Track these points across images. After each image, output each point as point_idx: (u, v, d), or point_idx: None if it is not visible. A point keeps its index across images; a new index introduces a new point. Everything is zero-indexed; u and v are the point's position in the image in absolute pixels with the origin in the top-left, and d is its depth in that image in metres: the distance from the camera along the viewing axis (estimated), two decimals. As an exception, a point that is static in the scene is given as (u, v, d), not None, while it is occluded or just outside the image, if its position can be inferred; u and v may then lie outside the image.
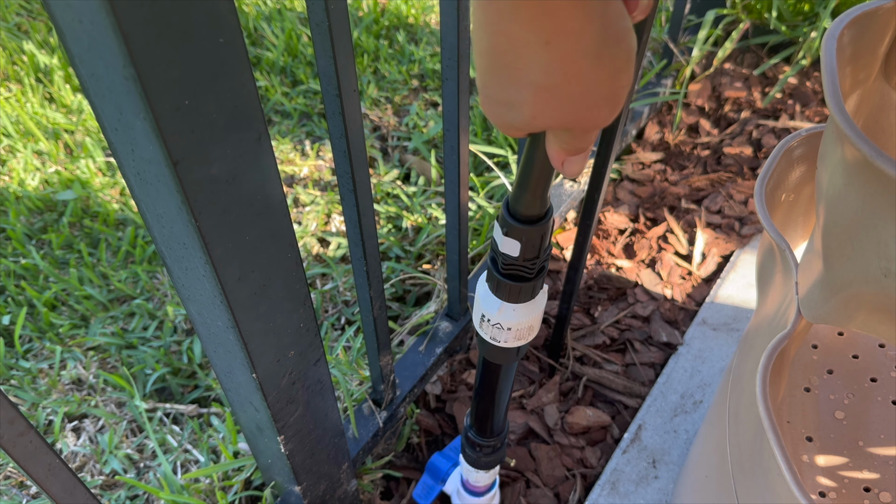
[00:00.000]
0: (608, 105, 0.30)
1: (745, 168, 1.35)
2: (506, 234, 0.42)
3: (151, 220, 0.41)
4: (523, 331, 0.50)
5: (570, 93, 0.28)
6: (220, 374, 0.55)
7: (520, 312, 0.48)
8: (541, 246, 0.43)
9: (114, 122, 0.35)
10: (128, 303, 1.11)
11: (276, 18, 1.77)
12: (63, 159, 1.39)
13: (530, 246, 0.42)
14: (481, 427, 0.65)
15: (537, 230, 0.41)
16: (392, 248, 1.17)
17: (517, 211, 0.41)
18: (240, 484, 0.80)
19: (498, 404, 0.61)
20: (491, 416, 0.63)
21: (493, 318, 0.49)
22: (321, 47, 0.48)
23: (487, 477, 0.73)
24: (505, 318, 0.48)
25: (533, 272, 0.45)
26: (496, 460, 0.69)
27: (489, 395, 0.60)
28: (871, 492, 0.66)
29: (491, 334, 0.50)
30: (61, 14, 0.31)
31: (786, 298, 0.55)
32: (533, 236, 0.42)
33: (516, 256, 0.43)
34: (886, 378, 0.75)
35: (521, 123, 0.31)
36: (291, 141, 1.45)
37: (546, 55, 0.27)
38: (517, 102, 0.30)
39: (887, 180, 0.37)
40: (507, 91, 0.30)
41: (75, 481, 0.45)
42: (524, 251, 0.43)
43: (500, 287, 0.46)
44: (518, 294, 0.46)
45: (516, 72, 0.28)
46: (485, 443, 0.66)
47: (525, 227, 0.41)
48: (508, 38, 0.27)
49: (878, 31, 0.50)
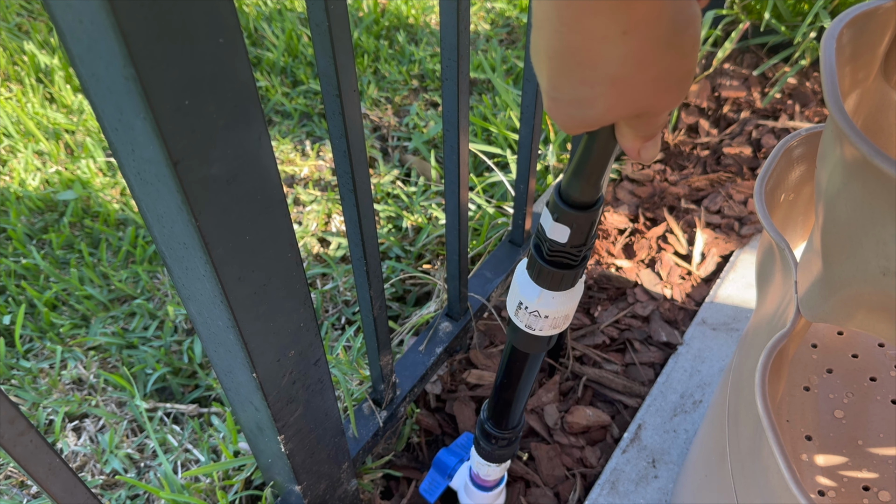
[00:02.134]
0: (678, 88, 0.31)
1: (744, 168, 1.35)
2: (556, 220, 0.43)
3: (152, 220, 0.41)
4: (560, 319, 0.50)
5: (645, 80, 0.29)
6: (221, 373, 0.55)
7: (559, 300, 0.48)
8: (589, 233, 0.44)
9: (114, 122, 0.35)
10: (128, 303, 1.11)
11: (276, 19, 1.77)
12: (64, 159, 1.39)
13: (579, 232, 0.43)
14: (499, 418, 0.65)
15: (588, 216, 0.42)
16: (392, 248, 1.17)
17: (570, 197, 0.42)
18: (240, 483, 0.80)
19: (519, 395, 0.62)
20: (510, 407, 0.63)
21: (531, 305, 0.49)
22: (321, 48, 0.48)
23: (499, 471, 0.74)
24: (544, 306, 0.49)
25: (578, 259, 0.46)
26: (509, 453, 0.70)
27: (512, 385, 0.61)
28: (871, 491, 0.66)
29: (527, 322, 0.51)
30: (62, 14, 0.31)
31: (785, 298, 0.55)
32: (583, 222, 0.43)
33: (564, 243, 0.44)
34: (886, 377, 0.75)
35: (595, 118, 0.32)
36: (292, 141, 1.45)
37: (623, 46, 0.28)
38: (590, 98, 0.31)
39: (886, 179, 0.37)
40: (581, 89, 0.30)
41: (76, 481, 0.45)
42: (573, 237, 0.43)
43: (542, 274, 0.47)
44: (560, 281, 0.47)
45: (591, 68, 0.29)
46: (501, 435, 0.67)
47: (577, 213, 0.42)
48: (585, 34, 0.28)
49: (877, 30, 0.50)
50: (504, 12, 1.89)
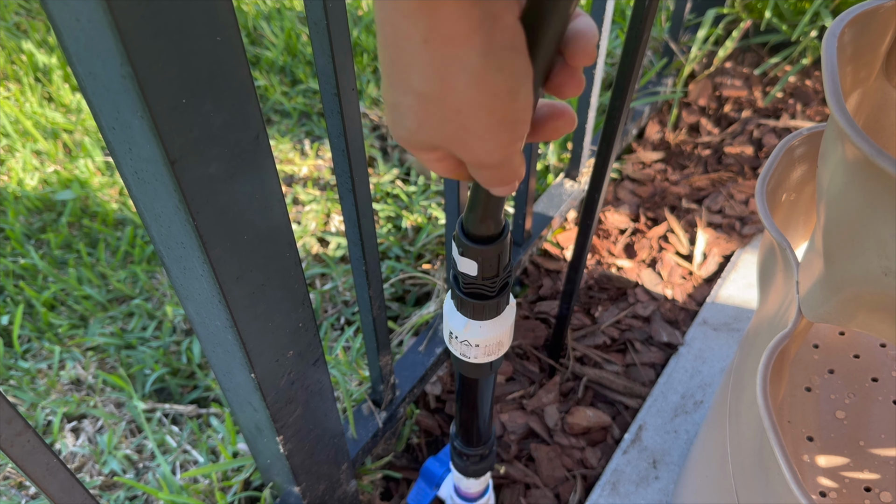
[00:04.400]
0: (490, 137, 0.28)
1: (745, 168, 1.34)
2: (462, 255, 0.41)
3: (150, 220, 0.41)
4: (492, 346, 0.49)
5: (449, 108, 0.27)
6: (219, 374, 0.55)
7: (486, 329, 0.47)
8: (499, 264, 0.42)
9: (111, 121, 0.34)
10: (127, 303, 1.11)
11: (275, 17, 1.77)
12: (62, 159, 1.39)
13: (488, 265, 0.42)
14: (466, 437, 0.64)
15: (493, 249, 0.40)
16: (392, 248, 1.17)
17: (471, 231, 0.40)
18: (239, 484, 0.80)
19: (480, 415, 0.61)
20: (475, 426, 0.62)
21: (460, 335, 0.48)
22: (320, 46, 0.48)
23: (479, 484, 0.73)
24: (472, 336, 0.47)
25: (494, 290, 0.44)
26: (485, 468, 0.69)
27: (470, 407, 0.60)
28: (872, 492, 0.66)
29: (460, 351, 0.50)
30: (59, 13, 0.30)
31: (787, 298, 0.55)
32: (490, 256, 0.41)
33: (475, 276, 0.42)
34: (887, 378, 0.75)
35: (407, 133, 0.29)
36: (291, 140, 1.45)
37: (425, 55, 0.25)
38: (403, 108, 0.28)
39: (888, 179, 0.37)
40: (395, 93, 0.28)
41: (74, 481, 0.45)
42: (482, 270, 0.42)
43: (463, 305, 0.45)
44: (483, 311, 0.45)
45: (401, 71, 0.27)
46: (471, 452, 0.66)
47: (481, 248, 0.40)
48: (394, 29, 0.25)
49: (878, 29, 0.50)
50: (504, 12, 1.89)
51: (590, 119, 1.14)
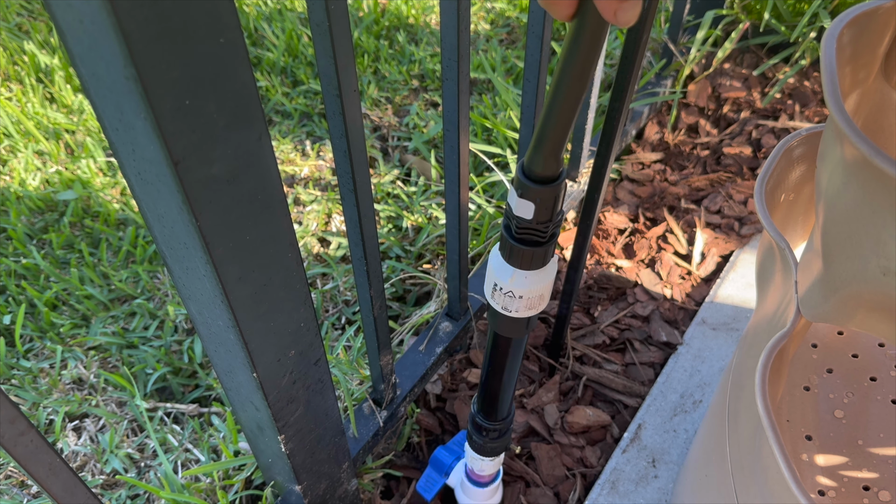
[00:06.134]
0: None
1: (744, 168, 1.35)
2: (521, 196, 0.43)
3: (152, 220, 0.41)
4: (534, 299, 0.50)
5: None
6: (221, 373, 0.55)
7: (531, 280, 0.49)
8: (554, 208, 0.44)
9: (114, 122, 0.35)
10: (129, 302, 1.11)
11: (276, 19, 1.77)
12: (64, 159, 1.39)
13: (544, 208, 0.43)
14: (489, 409, 0.66)
15: (551, 191, 0.42)
16: (392, 248, 1.17)
17: (532, 171, 0.42)
18: (240, 483, 0.80)
19: (506, 384, 0.62)
20: (498, 396, 0.64)
21: (505, 286, 0.49)
22: (321, 47, 0.48)
23: (492, 466, 0.74)
24: (517, 286, 0.49)
25: (546, 236, 0.46)
26: (502, 446, 0.70)
27: (498, 373, 0.61)
28: (871, 491, 0.66)
29: (503, 304, 0.51)
30: (62, 14, 0.31)
31: (785, 297, 0.55)
32: (547, 197, 0.43)
33: (530, 219, 0.44)
34: (886, 377, 0.75)
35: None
36: (292, 141, 1.45)
37: None
38: None
39: (886, 179, 0.37)
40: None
41: (76, 480, 0.45)
42: (538, 213, 0.44)
43: (513, 254, 0.47)
44: (531, 260, 0.47)
45: None
46: (491, 426, 0.67)
47: (540, 188, 0.42)
48: None
49: (877, 30, 0.50)
50: (504, 12, 1.89)
51: (589, 120, 1.14)
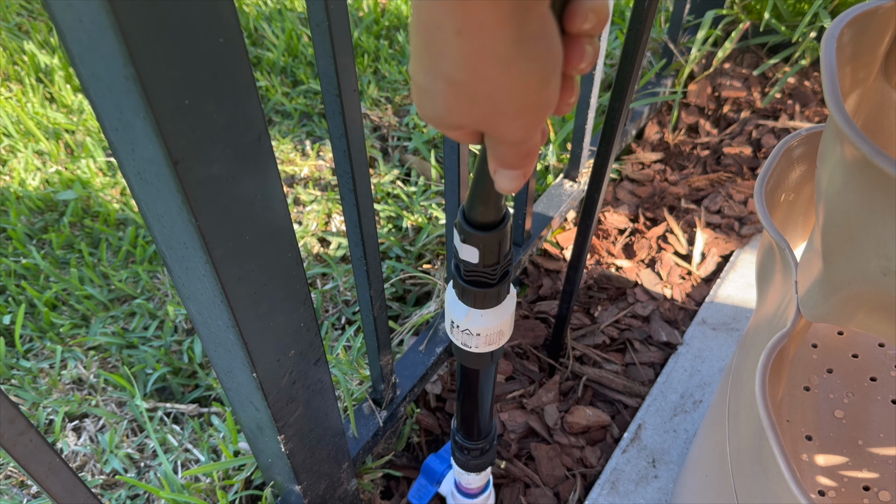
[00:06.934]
0: (519, 118, 0.29)
1: (744, 168, 1.35)
2: (464, 242, 0.42)
3: (152, 220, 0.41)
4: (493, 336, 0.49)
5: (480, 94, 0.28)
6: (221, 373, 0.55)
7: (487, 318, 0.47)
8: (500, 251, 0.43)
9: (114, 122, 0.35)
10: (128, 302, 1.11)
11: (276, 18, 1.77)
12: (64, 159, 1.39)
13: (489, 252, 0.42)
14: (467, 430, 0.65)
15: (494, 237, 0.41)
16: (392, 248, 1.17)
17: (473, 218, 0.40)
18: (240, 483, 0.80)
19: (481, 408, 0.61)
20: (475, 419, 0.63)
21: (461, 324, 0.48)
22: (321, 47, 0.48)
23: (479, 479, 0.73)
24: (473, 324, 0.48)
25: (495, 278, 0.44)
26: (486, 463, 0.69)
27: (471, 398, 0.60)
28: (871, 491, 0.66)
29: (462, 340, 0.50)
30: (62, 14, 0.31)
31: (785, 297, 0.55)
32: (490, 243, 0.41)
33: (476, 263, 0.43)
34: (886, 377, 0.75)
35: (437, 116, 0.30)
36: (292, 141, 1.45)
37: (457, 45, 0.26)
38: (434, 92, 0.29)
39: (886, 179, 0.37)
40: (427, 77, 0.29)
41: (76, 480, 0.45)
42: (483, 258, 0.42)
43: (465, 293, 0.46)
44: (483, 300, 0.46)
45: (434, 58, 0.27)
46: (472, 446, 0.66)
47: (482, 234, 0.41)
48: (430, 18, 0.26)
49: (877, 30, 0.50)
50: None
51: (589, 120, 1.14)
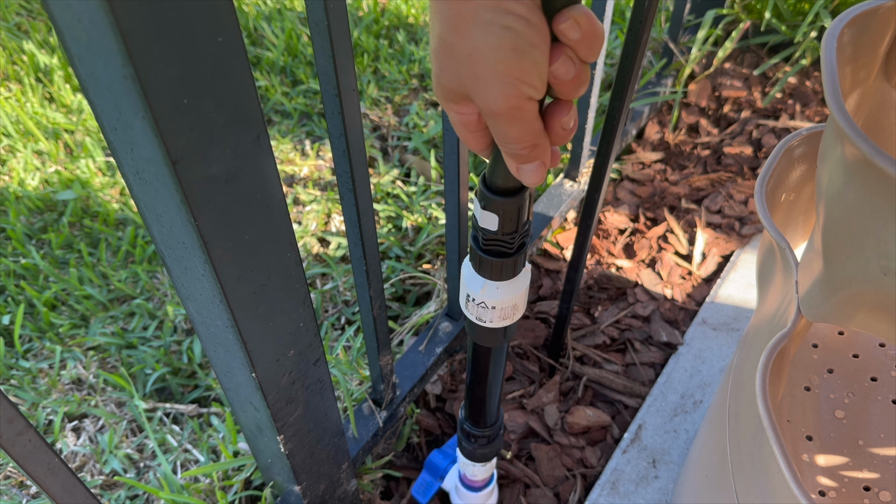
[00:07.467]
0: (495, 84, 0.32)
1: (745, 168, 1.35)
2: (484, 208, 0.43)
3: (151, 220, 0.41)
4: (507, 310, 0.50)
5: (461, 51, 0.31)
6: (220, 373, 0.55)
7: (503, 290, 0.48)
8: (518, 219, 0.43)
9: (113, 122, 0.35)
10: (128, 302, 1.11)
11: (275, 18, 1.77)
12: (63, 159, 1.39)
13: (508, 219, 0.43)
14: (475, 417, 0.65)
15: (514, 202, 0.42)
16: (392, 248, 1.17)
17: (494, 184, 0.42)
18: (240, 483, 0.80)
19: (490, 392, 0.62)
20: (484, 404, 0.63)
21: (477, 296, 0.49)
22: (320, 47, 0.48)
23: (484, 471, 0.73)
24: (489, 297, 0.49)
25: (513, 247, 0.45)
26: (492, 452, 0.70)
27: (481, 382, 0.60)
28: (871, 491, 0.66)
29: (476, 314, 0.51)
30: (60, 13, 0.31)
31: (786, 297, 0.55)
32: (510, 209, 0.42)
33: (495, 230, 0.44)
34: (887, 377, 0.75)
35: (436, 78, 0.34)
36: (291, 140, 1.45)
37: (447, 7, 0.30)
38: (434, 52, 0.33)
39: (887, 179, 0.37)
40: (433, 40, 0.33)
41: (75, 481, 0.45)
42: (503, 225, 0.43)
43: (482, 264, 0.47)
44: (500, 271, 0.47)
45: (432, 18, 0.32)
46: (480, 433, 0.66)
47: (502, 200, 0.42)
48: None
49: (878, 30, 0.50)
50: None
51: (589, 119, 1.14)
